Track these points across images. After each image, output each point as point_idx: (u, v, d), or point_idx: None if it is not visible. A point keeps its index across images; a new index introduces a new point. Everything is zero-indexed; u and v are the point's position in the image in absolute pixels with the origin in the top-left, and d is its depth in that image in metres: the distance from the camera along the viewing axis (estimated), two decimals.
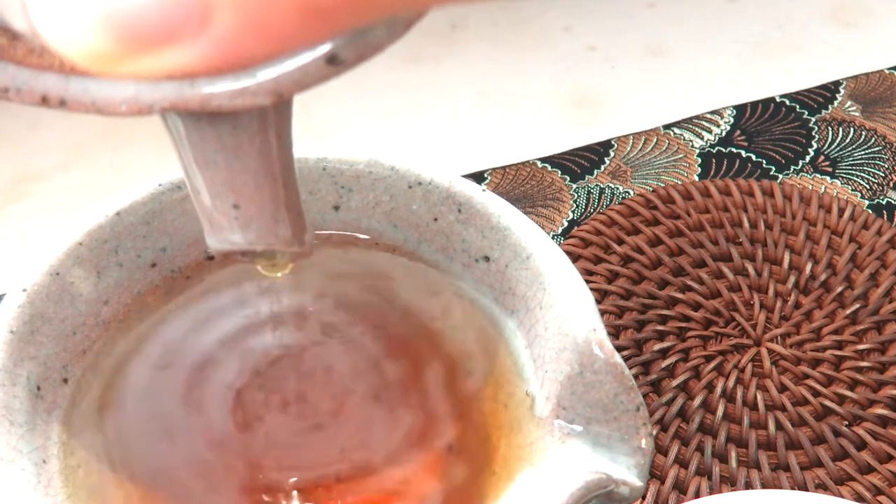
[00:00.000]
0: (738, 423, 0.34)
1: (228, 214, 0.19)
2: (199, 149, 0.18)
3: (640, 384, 0.35)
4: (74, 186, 0.46)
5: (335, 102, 0.51)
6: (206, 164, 0.18)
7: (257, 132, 0.18)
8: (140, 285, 0.29)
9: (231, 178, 0.19)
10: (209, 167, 0.19)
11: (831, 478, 0.33)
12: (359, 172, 0.30)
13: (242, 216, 0.19)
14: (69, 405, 0.26)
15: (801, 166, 0.47)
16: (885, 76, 0.53)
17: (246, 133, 0.18)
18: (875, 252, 0.39)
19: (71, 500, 0.24)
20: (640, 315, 0.37)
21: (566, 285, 0.25)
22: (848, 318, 0.37)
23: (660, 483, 0.33)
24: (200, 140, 0.18)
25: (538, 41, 0.56)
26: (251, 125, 0.18)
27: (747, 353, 0.36)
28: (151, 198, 0.29)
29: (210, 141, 0.18)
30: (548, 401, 0.24)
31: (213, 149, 0.18)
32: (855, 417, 0.35)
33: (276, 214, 0.19)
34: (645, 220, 0.41)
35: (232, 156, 0.18)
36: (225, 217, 0.19)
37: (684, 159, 0.48)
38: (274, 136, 0.19)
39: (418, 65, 0.54)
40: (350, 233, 0.30)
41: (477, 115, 0.51)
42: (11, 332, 0.25)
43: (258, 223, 0.19)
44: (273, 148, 0.19)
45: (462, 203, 0.29)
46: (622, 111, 0.51)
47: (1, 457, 0.23)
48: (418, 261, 0.30)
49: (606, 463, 0.23)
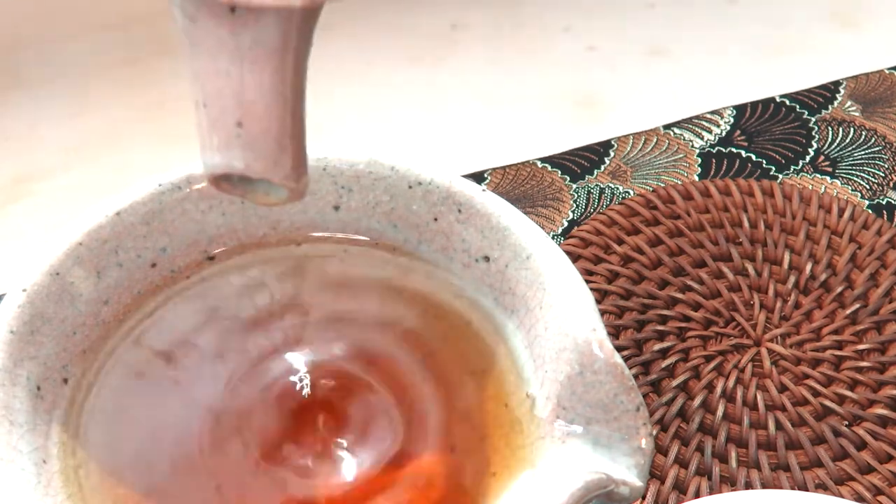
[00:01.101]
0: (738, 423, 0.34)
1: (231, 132, 0.19)
2: (215, 57, 0.18)
3: (640, 384, 0.35)
4: (74, 186, 0.46)
5: (335, 102, 0.51)
6: (218, 75, 0.18)
7: (277, 50, 0.18)
8: (140, 285, 0.29)
9: (241, 92, 0.18)
10: (221, 78, 0.18)
11: (831, 478, 0.33)
12: (359, 172, 0.30)
13: (246, 135, 0.19)
14: (69, 405, 0.26)
15: (801, 166, 0.47)
16: (885, 76, 0.53)
17: (265, 49, 0.18)
18: (875, 252, 0.39)
19: (71, 500, 0.24)
20: (640, 315, 0.37)
21: (566, 285, 0.25)
22: (848, 318, 0.37)
23: (660, 483, 0.33)
24: (218, 48, 0.18)
25: (538, 41, 0.56)
26: (272, 41, 0.18)
27: (747, 353, 0.36)
28: (151, 198, 0.29)
29: (228, 50, 0.18)
30: (548, 401, 0.24)
31: (230, 59, 0.18)
32: (855, 417, 0.35)
33: (280, 140, 0.19)
34: (645, 220, 0.41)
35: (247, 69, 0.18)
36: (227, 134, 0.19)
37: (684, 159, 0.48)
38: (292, 58, 0.18)
39: (418, 65, 0.54)
40: (350, 233, 0.31)
41: (477, 115, 0.51)
42: (11, 332, 0.25)
43: (260, 146, 0.19)
44: (289, 71, 0.18)
45: (462, 203, 0.29)
46: (622, 111, 0.51)
47: (1, 457, 0.23)
48: (418, 261, 0.30)
49: (606, 463, 0.23)
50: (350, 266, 0.30)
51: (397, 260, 0.30)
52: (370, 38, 0.55)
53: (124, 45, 0.54)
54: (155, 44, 0.54)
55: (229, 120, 0.19)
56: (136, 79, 0.52)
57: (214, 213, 0.29)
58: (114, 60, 0.53)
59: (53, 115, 0.50)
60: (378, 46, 0.55)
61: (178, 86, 0.52)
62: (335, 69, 0.53)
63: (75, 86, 0.52)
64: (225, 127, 0.19)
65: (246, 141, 0.19)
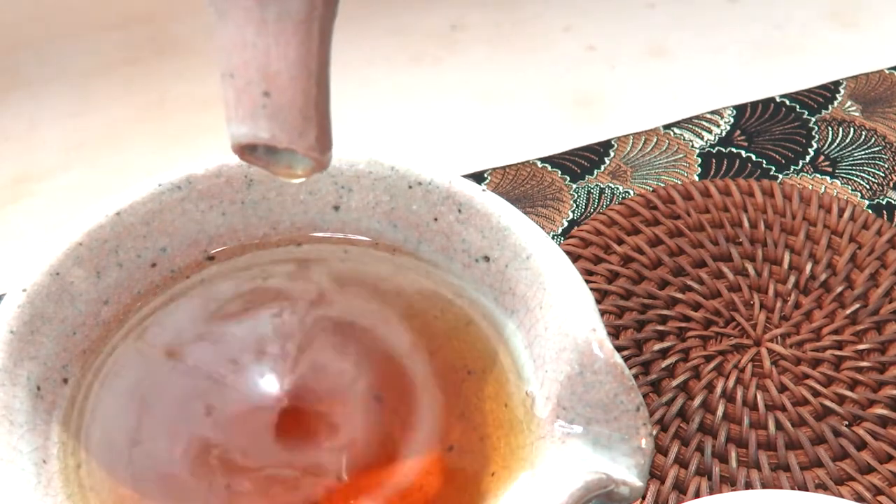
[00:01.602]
0: (738, 423, 0.34)
1: (257, 102, 0.19)
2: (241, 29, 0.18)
3: (640, 384, 0.35)
4: (74, 186, 0.46)
5: (335, 102, 0.51)
6: (244, 46, 0.19)
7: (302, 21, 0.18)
8: (140, 285, 0.29)
9: (268, 63, 0.19)
10: (248, 49, 0.19)
11: (831, 478, 0.33)
12: (359, 172, 0.30)
13: (272, 105, 0.19)
14: (69, 405, 0.26)
15: (801, 166, 0.47)
16: (885, 76, 0.53)
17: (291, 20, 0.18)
18: (875, 252, 0.39)
19: (71, 500, 0.24)
20: (640, 315, 0.37)
21: (566, 285, 0.25)
22: (848, 318, 0.37)
23: (660, 483, 0.33)
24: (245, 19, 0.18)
25: (538, 41, 0.56)
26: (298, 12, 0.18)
27: (747, 353, 0.36)
28: (151, 198, 0.29)
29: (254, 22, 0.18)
30: (548, 401, 0.24)
31: (256, 31, 0.18)
32: (855, 417, 0.35)
33: (305, 110, 0.19)
34: (645, 220, 0.41)
35: (273, 41, 0.18)
36: (253, 104, 0.19)
37: (684, 159, 0.48)
38: (317, 31, 0.19)
39: (418, 65, 0.54)
40: (350, 233, 0.31)
41: (477, 115, 0.51)
42: (11, 332, 0.25)
43: (285, 116, 0.19)
44: (314, 43, 0.19)
45: (462, 203, 0.29)
46: (622, 111, 0.51)
47: (1, 457, 0.23)
48: (418, 261, 0.30)
49: (606, 463, 0.23)
50: (350, 266, 0.30)
51: (397, 260, 0.30)
52: (370, 38, 0.55)
53: (124, 45, 0.54)
54: (155, 44, 0.55)
55: (255, 90, 0.19)
56: (136, 79, 0.52)
57: (214, 213, 0.29)
58: (114, 60, 0.53)
59: (53, 115, 0.50)
60: (378, 46, 0.55)
61: (179, 86, 0.52)
62: (335, 69, 0.53)
63: (75, 86, 0.52)
64: (251, 97, 0.19)
65: (271, 111, 0.19)
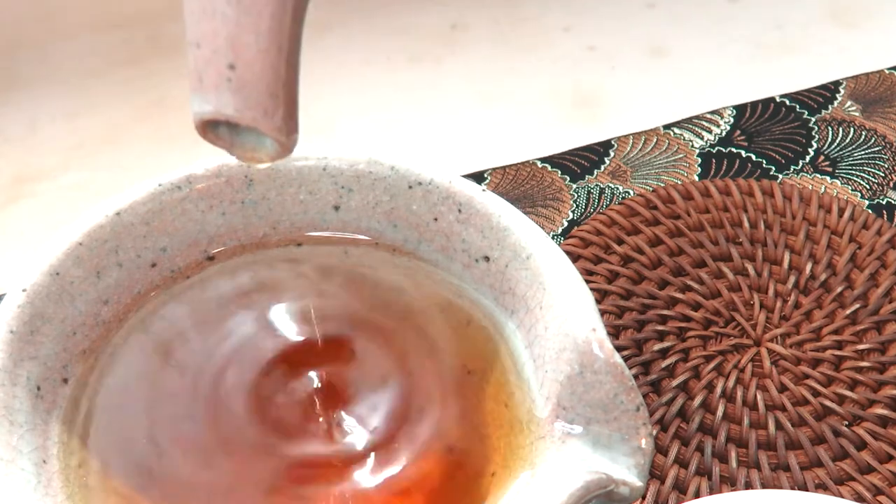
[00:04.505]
0: (738, 423, 0.34)
1: (222, 74, 0.18)
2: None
3: (640, 384, 0.35)
4: (74, 186, 0.46)
5: (335, 102, 0.51)
6: (213, 14, 0.18)
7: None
8: (140, 285, 0.29)
9: (237, 35, 0.18)
10: (216, 17, 0.18)
11: (831, 478, 0.33)
12: (359, 172, 0.30)
13: (237, 78, 0.18)
14: (69, 405, 0.26)
15: (801, 166, 0.47)
16: (885, 76, 0.53)
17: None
18: (875, 252, 0.39)
19: (71, 500, 0.24)
20: (640, 315, 0.37)
21: (566, 285, 0.25)
22: (848, 318, 0.37)
23: (660, 483, 0.33)
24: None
25: (538, 41, 0.56)
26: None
27: (747, 353, 0.36)
28: (151, 198, 0.29)
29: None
30: (548, 401, 0.24)
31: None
32: (855, 417, 0.35)
33: (272, 88, 0.19)
34: (645, 220, 0.41)
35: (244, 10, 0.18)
36: (218, 76, 0.18)
37: (684, 159, 0.48)
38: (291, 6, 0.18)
39: (418, 65, 0.54)
40: (350, 233, 0.31)
41: (477, 115, 0.51)
42: (11, 332, 0.25)
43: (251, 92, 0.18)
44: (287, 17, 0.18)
45: (462, 203, 0.29)
46: (622, 111, 0.51)
47: (1, 457, 0.23)
48: (418, 261, 0.30)
49: (606, 463, 0.23)
50: (350, 266, 0.30)
51: (397, 260, 0.30)
52: (370, 38, 0.55)
53: (124, 45, 0.54)
54: (155, 44, 0.55)
55: (221, 62, 0.18)
56: (136, 79, 0.52)
57: (214, 213, 0.29)
58: (114, 60, 0.53)
59: (53, 115, 0.50)
60: (378, 46, 0.55)
61: (178, 86, 0.52)
62: (335, 69, 0.53)
63: (75, 86, 0.52)
64: (216, 69, 0.18)
65: (237, 85, 0.18)
